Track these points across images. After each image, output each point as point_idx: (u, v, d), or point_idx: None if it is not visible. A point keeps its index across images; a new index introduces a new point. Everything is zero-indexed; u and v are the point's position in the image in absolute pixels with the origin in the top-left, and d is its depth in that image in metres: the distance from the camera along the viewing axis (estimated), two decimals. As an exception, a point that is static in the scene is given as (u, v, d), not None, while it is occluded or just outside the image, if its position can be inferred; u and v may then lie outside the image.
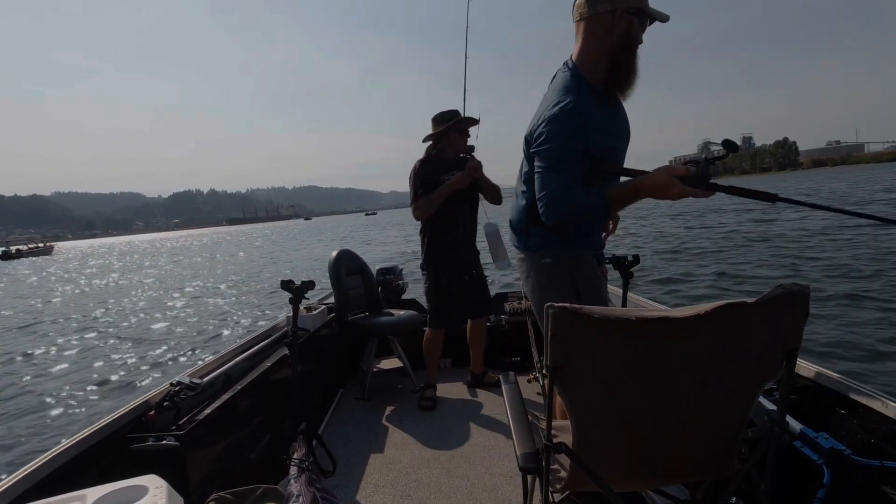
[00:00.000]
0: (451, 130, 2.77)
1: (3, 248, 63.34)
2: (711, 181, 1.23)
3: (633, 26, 1.41)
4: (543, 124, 1.42)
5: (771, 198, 1.27)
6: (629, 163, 1.57)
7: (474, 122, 2.82)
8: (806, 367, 1.64)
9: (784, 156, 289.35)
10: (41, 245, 71.76)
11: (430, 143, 2.82)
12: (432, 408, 2.81)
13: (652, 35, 1.52)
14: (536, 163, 1.46)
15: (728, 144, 1.23)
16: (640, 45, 1.46)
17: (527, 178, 1.56)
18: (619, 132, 1.52)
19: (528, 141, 1.50)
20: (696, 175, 1.22)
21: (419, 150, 2.87)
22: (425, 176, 2.77)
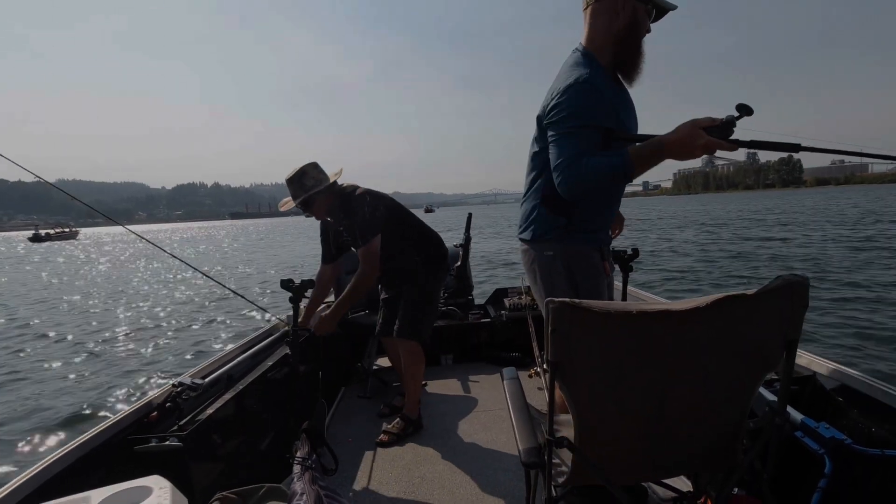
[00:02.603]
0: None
1: (34, 231, 70.93)
2: (732, 138, 1.20)
3: (639, 13, 1.42)
4: (558, 95, 1.40)
5: (794, 148, 1.22)
6: None
7: (295, 206, 2.34)
8: (806, 358, 1.64)
9: (788, 173, 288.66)
10: (67, 230, 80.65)
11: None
12: (387, 415, 2.71)
13: (659, 41, 1.51)
14: (550, 133, 1.43)
15: (742, 108, 1.19)
16: (647, 34, 1.46)
17: (536, 161, 1.54)
18: (629, 118, 1.52)
19: (541, 118, 1.48)
20: (723, 125, 1.19)
21: (425, 153, 2.69)
22: (329, 233, 2.54)
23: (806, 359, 1.64)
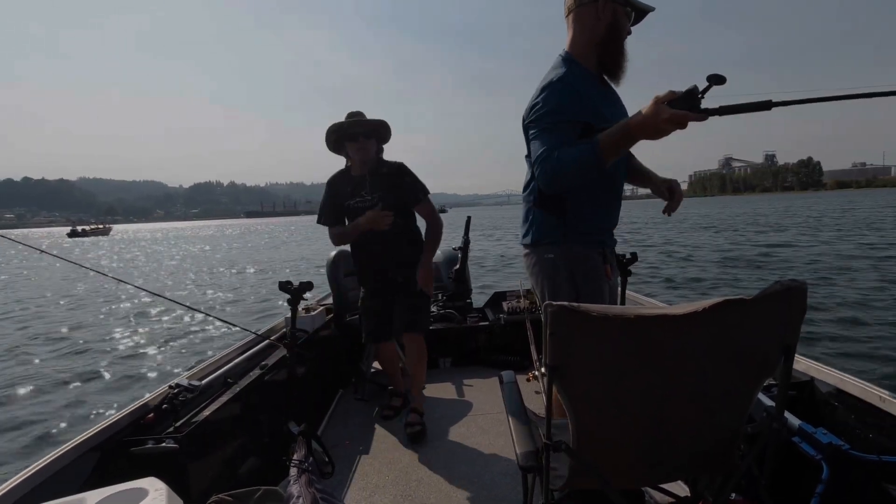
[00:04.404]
0: (342, 142, 2.43)
1: (72, 228, 77.10)
2: (703, 108, 1.16)
3: (618, 15, 1.48)
4: (536, 95, 1.47)
5: (765, 105, 1.15)
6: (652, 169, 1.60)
7: (365, 124, 2.37)
8: (804, 364, 1.64)
9: (807, 175, 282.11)
10: (100, 227, 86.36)
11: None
12: (391, 417, 2.72)
13: (672, 43, 1.46)
14: (531, 131, 1.48)
15: (713, 78, 1.13)
16: (628, 35, 1.51)
17: (528, 163, 1.57)
18: (617, 116, 1.53)
19: (525, 119, 1.52)
20: (685, 96, 1.16)
21: (437, 154, 2.75)
22: (333, 195, 2.51)
23: (804, 364, 1.64)
